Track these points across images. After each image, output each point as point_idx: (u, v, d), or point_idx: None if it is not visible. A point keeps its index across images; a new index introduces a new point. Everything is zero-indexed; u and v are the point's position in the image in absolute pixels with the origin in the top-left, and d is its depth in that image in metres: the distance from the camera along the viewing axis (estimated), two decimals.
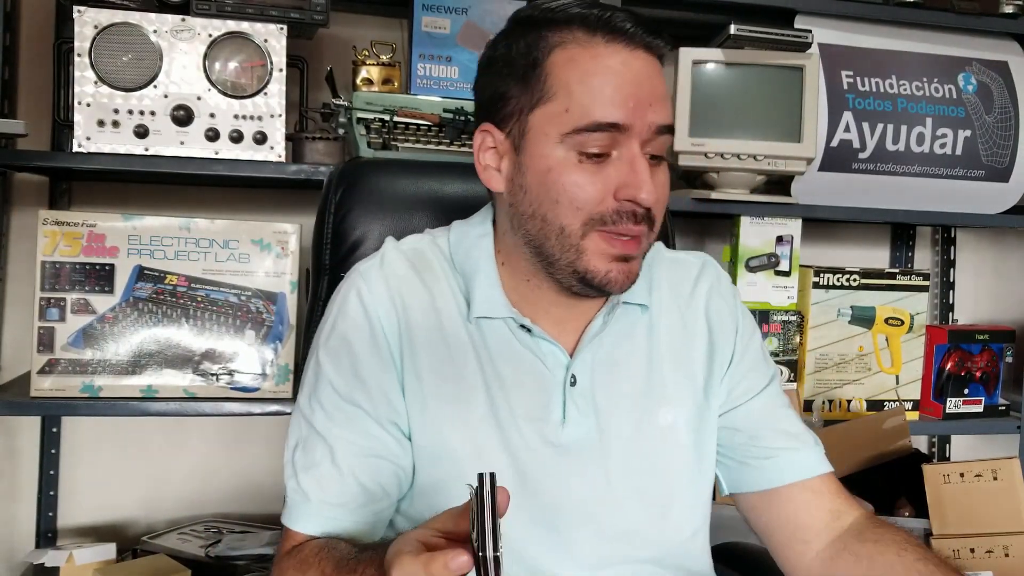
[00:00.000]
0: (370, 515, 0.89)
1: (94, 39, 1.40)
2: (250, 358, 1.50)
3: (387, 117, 1.51)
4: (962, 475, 1.54)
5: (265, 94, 1.47)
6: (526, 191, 0.89)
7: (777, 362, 1.78)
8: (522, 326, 0.92)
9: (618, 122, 0.84)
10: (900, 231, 2.21)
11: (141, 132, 1.43)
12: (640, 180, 0.85)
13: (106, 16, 1.41)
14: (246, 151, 1.47)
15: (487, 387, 0.90)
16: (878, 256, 2.22)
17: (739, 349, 1.01)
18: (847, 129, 1.80)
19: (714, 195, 1.69)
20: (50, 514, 1.73)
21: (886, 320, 1.84)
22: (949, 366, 1.88)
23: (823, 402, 1.83)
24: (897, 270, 1.86)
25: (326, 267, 1.17)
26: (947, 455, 2.23)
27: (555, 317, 0.94)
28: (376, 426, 0.89)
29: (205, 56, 1.45)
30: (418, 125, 1.53)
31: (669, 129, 0.88)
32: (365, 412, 0.89)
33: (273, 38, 1.47)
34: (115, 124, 1.42)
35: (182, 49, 1.44)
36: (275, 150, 1.48)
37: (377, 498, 0.89)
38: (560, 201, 0.86)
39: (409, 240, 0.99)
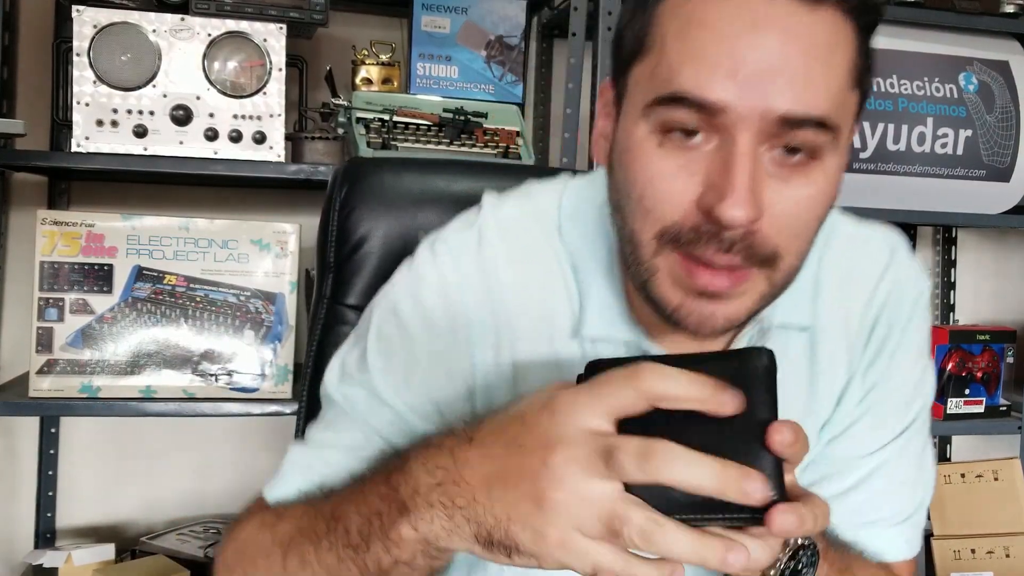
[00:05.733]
0: None
1: (93, 38, 1.40)
2: (249, 358, 1.49)
3: (386, 117, 1.50)
4: (963, 475, 1.54)
5: (264, 94, 1.46)
6: (613, 172, 0.65)
7: None
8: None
9: (707, 100, 0.56)
10: (901, 231, 2.20)
11: (140, 132, 1.42)
12: (728, 186, 0.56)
13: (105, 15, 1.40)
14: (245, 151, 1.46)
15: None
16: None
17: (883, 377, 0.74)
18: None
19: None
20: (49, 515, 1.73)
21: None
22: (950, 366, 1.88)
23: None
24: None
25: (331, 265, 1.15)
26: (948, 455, 2.22)
27: (677, 339, 0.66)
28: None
29: (204, 56, 1.44)
30: (417, 125, 1.53)
31: (815, 123, 0.58)
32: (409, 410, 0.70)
33: (272, 38, 1.46)
34: (114, 124, 1.42)
35: (181, 48, 1.44)
36: (274, 150, 1.47)
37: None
38: (631, 196, 0.61)
39: (510, 207, 0.73)
